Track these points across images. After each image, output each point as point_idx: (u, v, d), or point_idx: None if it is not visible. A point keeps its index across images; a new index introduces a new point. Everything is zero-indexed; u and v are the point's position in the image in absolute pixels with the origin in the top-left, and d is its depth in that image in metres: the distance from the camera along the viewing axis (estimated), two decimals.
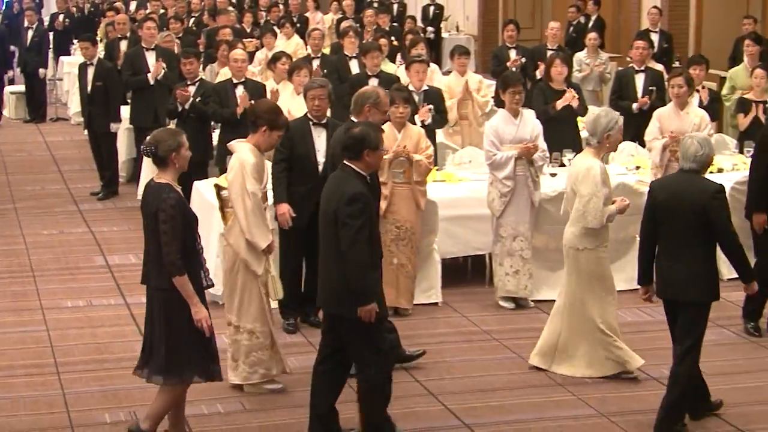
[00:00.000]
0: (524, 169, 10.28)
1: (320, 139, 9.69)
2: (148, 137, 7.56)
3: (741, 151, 12.15)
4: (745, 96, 12.96)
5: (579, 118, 12.21)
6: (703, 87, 12.79)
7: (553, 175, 11.28)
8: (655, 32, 18.11)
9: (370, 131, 7.59)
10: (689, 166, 7.82)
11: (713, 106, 12.67)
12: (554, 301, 9.28)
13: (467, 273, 11.38)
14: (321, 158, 9.60)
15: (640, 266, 8.06)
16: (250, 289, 8.41)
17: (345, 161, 7.58)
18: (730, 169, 11.69)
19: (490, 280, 10.84)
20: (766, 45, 16.14)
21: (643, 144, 12.10)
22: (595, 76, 16.54)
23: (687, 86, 11.03)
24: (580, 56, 16.67)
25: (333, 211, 7.36)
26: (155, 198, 7.28)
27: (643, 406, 8.28)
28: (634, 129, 12.42)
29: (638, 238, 11.16)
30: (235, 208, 8.31)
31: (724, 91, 14.53)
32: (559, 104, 11.82)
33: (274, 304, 9.32)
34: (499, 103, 12.19)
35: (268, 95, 12.02)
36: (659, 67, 14.35)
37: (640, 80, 13.45)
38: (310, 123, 9.73)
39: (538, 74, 14.85)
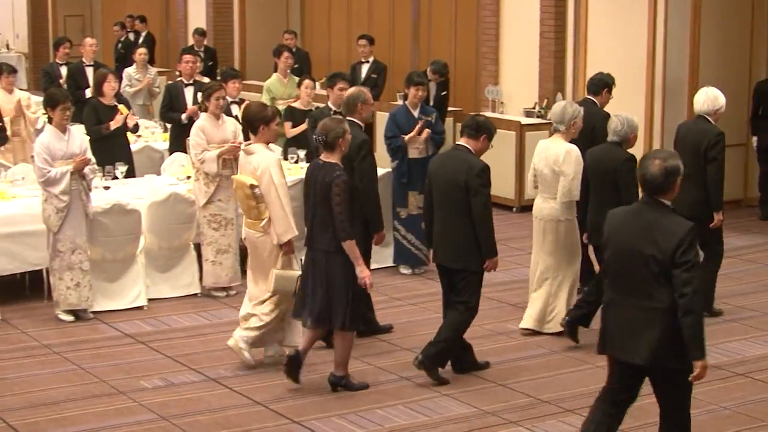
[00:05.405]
0: (77, 183, 9.79)
1: None
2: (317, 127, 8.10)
3: (285, 158, 11.92)
4: (293, 105, 12.75)
5: (128, 133, 12.17)
6: (243, 100, 12.62)
7: (107, 188, 10.93)
8: (201, 47, 18.12)
9: (492, 125, 8.50)
10: (612, 139, 9.05)
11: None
12: (115, 311, 9.69)
13: (25, 289, 10.69)
14: None
15: (579, 216, 9.32)
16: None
17: (459, 142, 8.42)
18: None
19: (48, 294, 10.23)
20: (300, 56, 16.34)
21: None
22: (145, 90, 16.16)
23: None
24: (130, 71, 16.24)
25: (464, 181, 8.18)
26: (326, 173, 7.93)
27: (201, 407, 8.04)
28: (184, 139, 12.07)
29: (192, 245, 11.05)
30: (271, 201, 8.48)
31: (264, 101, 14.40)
32: (112, 125, 11.65)
33: None
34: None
35: None
36: (206, 80, 14.12)
37: (189, 93, 13.12)
38: None
39: (89, 93, 14.24)
